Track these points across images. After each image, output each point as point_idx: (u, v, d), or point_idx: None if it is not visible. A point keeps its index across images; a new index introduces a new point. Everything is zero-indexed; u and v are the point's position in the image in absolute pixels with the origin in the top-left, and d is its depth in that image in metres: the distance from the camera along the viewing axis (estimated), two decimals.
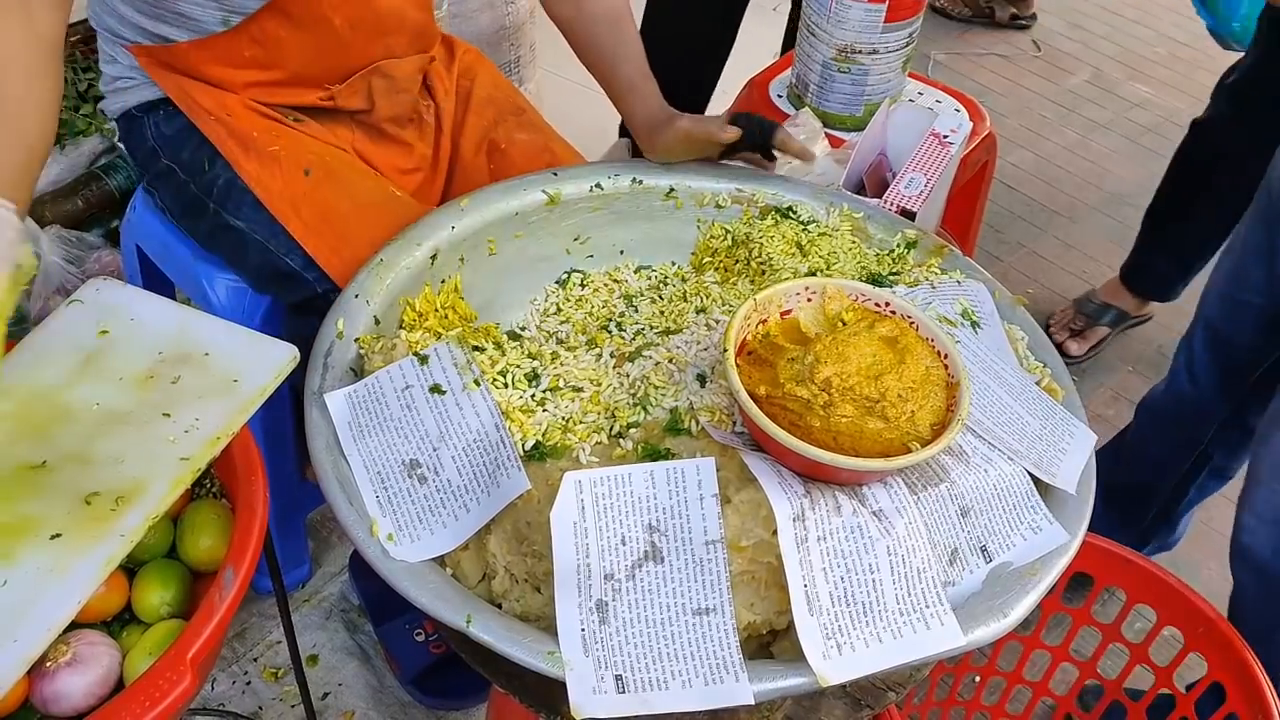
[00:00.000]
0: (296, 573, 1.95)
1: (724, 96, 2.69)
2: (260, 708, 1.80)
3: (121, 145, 1.63)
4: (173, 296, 1.88)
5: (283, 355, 1.12)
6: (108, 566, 0.94)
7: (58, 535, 0.96)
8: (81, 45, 2.21)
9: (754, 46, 2.91)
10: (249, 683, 1.83)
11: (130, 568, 1.07)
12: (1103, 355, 2.68)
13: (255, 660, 1.86)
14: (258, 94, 1.48)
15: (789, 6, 2.80)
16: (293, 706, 1.80)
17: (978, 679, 1.81)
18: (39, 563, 0.94)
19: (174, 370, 1.10)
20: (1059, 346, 2.63)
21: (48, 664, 0.96)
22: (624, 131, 2.87)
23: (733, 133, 1.42)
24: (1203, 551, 2.26)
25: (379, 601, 1.86)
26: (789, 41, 2.78)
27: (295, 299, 1.46)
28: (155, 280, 1.79)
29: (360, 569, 1.90)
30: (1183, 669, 1.60)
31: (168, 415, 1.05)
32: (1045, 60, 3.78)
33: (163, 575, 1.06)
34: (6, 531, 0.95)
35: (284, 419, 1.70)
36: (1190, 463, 1.93)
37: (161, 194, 1.55)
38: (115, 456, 1.02)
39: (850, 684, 1.01)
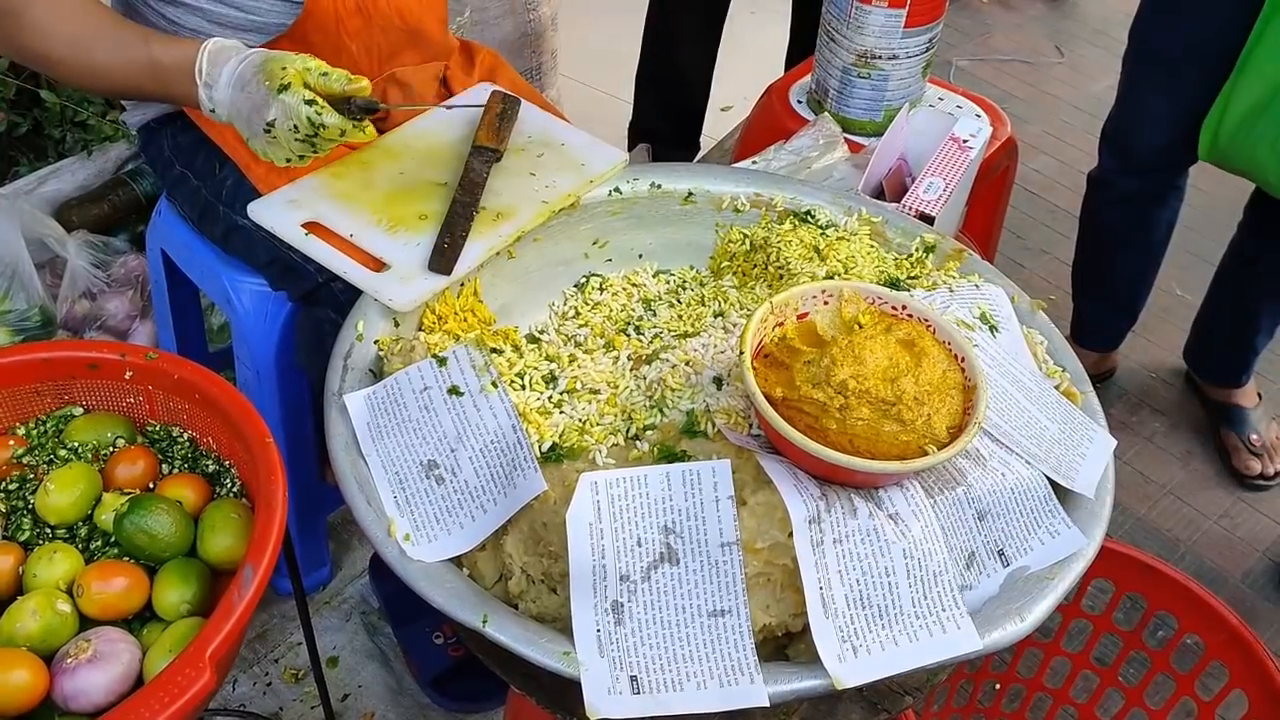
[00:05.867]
0: (317, 575, 1.97)
1: (744, 102, 2.70)
2: (281, 708, 1.81)
3: (143, 154, 1.71)
4: (197, 300, 1.92)
5: (617, 156, 1.44)
6: (489, 252, 1.29)
7: None
8: None
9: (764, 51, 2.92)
10: (270, 684, 1.84)
11: (150, 566, 1.08)
12: (1125, 363, 2.66)
13: (276, 661, 1.87)
14: None
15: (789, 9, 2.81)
16: (313, 708, 1.81)
17: (997, 686, 1.80)
18: None
19: (539, 149, 1.46)
20: None
21: (68, 660, 0.97)
22: (639, 137, 2.88)
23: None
24: (1226, 560, 2.24)
25: (399, 604, 1.87)
26: (798, 43, 2.79)
27: (301, 291, 1.49)
28: (180, 284, 1.81)
29: (380, 571, 1.91)
30: (1204, 677, 1.58)
31: (534, 174, 1.41)
32: (1068, 66, 3.76)
33: (183, 574, 1.07)
34: (422, 216, 1.33)
35: (305, 423, 1.71)
36: None
37: (179, 200, 1.59)
38: (496, 191, 1.37)
39: (866, 687, 1.01)
